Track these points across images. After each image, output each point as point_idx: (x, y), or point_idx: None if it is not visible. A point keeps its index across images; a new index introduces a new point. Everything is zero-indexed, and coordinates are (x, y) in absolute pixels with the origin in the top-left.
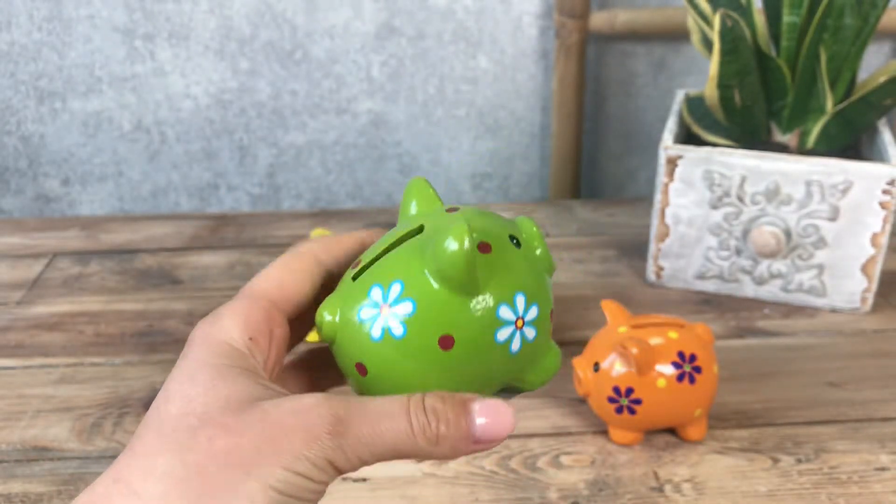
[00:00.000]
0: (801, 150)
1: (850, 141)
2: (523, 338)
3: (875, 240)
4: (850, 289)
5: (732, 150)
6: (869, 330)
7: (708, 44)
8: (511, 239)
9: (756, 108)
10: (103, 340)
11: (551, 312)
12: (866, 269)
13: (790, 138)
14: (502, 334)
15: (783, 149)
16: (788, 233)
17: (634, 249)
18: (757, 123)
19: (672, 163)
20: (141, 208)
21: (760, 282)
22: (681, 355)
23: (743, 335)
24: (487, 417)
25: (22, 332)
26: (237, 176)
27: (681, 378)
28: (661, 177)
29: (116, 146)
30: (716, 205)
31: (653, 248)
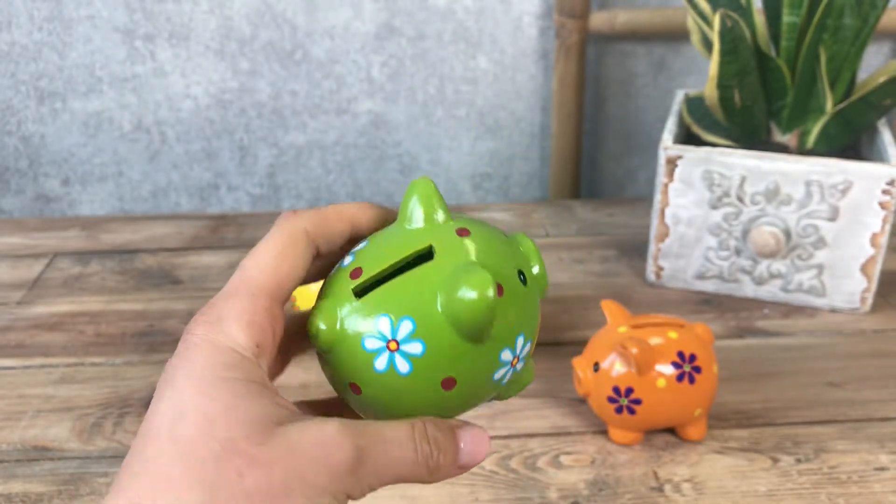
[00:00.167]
0: (801, 151)
1: (849, 141)
2: (514, 371)
3: (875, 240)
4: (849, 289)
5: (732, 151)
6: (869, 330)
7: (708, 44)
8: (519, 275)
9: (756, 108)
10: (104, 340)
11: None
12: (866, 269)
13: (790, 138)
14: (499, 374)
15: (783, 149)
16: (788, 233)
17: (634, 249)
18: (757, 123)
19: (672, 163)
20: (141, 208)
21: (760, 282)
22: (680, 355)
23: (743, 335)
24: (472, 444)
25: (22, 332)
26: (237, 176)
27: (680, 378)
28: (661, 177)
29: (117, 146)
30: (715, 205)
31: (652, 248)
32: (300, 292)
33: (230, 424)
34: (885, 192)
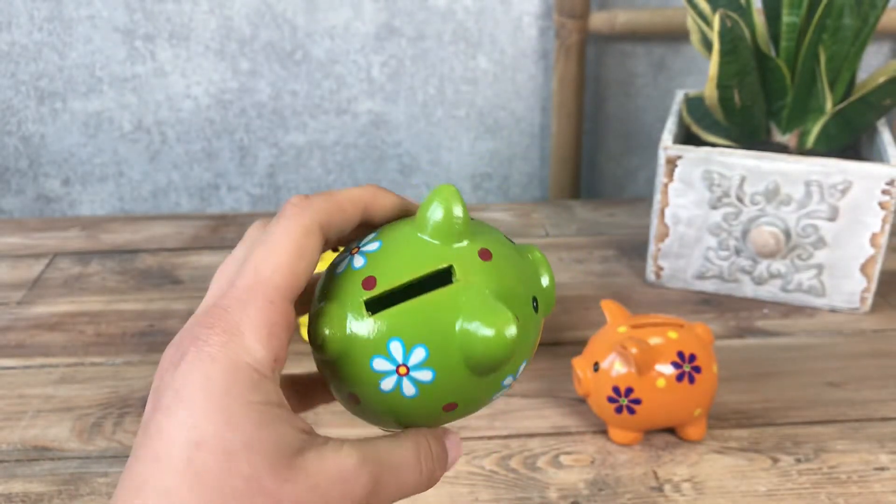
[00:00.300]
0: (801, 151)
1: (849, 141)
2: (508, 388)
3: (874, 240)
4: (849, 289)
5: (732, 151)
6: (868, 330)
7: (707, 44)
8: (533, 301)
9: (755, 108)
10: (104, 340)
11: None
12: (865, 269)
13: (790, 138)
14: (497, 395)
15: (783, 149)
16: (788, 233)
17: (634, 249)
18: (756, 123)
19: (671, 163)
20: (141, 208)
21: (760, 282)
22: (680, 355)
23: (742, 335)
24: (455, 450)
25: (22, 332)
26: (237, 176)
27: (680, 378)
28: (661, 177)
29: (117, 146)
30: (715, 205)
31: (652, 248)
32: None
33: (252, 459)
34: (884, 192)
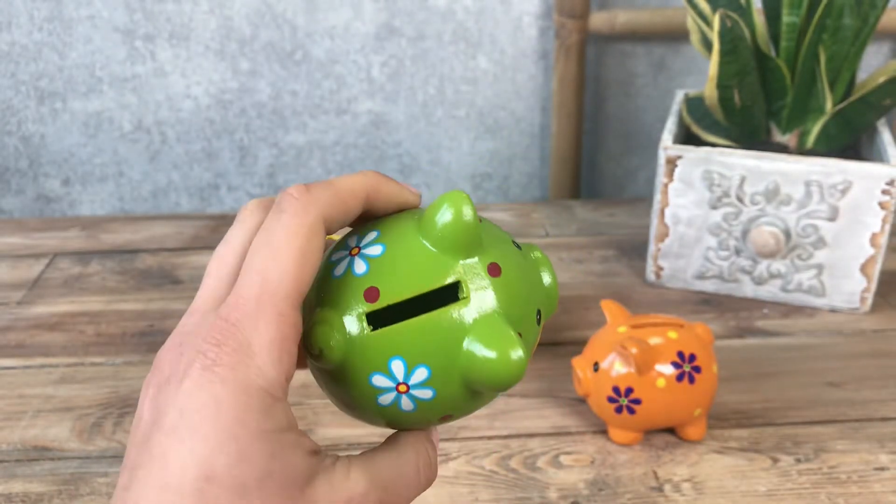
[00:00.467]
0: (801, 151)
1: (849, 141)
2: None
3: (874, 240)
4: (849, 289)
5: (732, 151)
6: (868, 330)
7: (707, 44)
8: (537, 314)
9: (755, 108)
10: (104, 340)
11: None
12: (865, 269)
13: (790, 138)
14: (492, 400)
15: (783, 149)
16: (788, 233)
17: (634, 249)
18: (756, 123)
19: (671, 163)
20: (141, 208)
21: (760, 282)
22: (680, 355)
23: (742, 335)
24: (437, 450)
25: (22, 332)
26: (237, 176)
27: (680, 378)
28: (661, 177)
29: (117, 146)
30: (715, 205)
31: (652, 248)
32: None
33: (264, 494)
34: (884, 192)
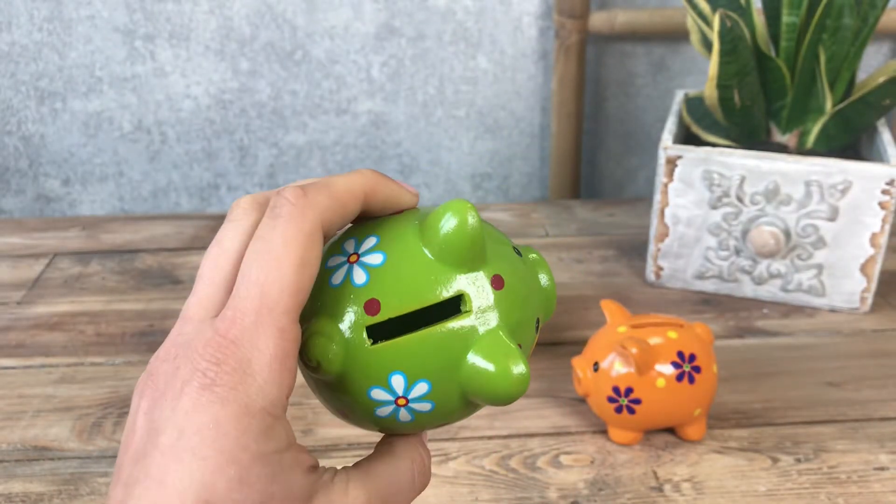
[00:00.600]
0: (801, 151)
1: (849, 141)
2: None
3: (874, 240)
4: (849, 289)
5: (732, 151)
6: (868, 330)
7: (707, 44)
8: (536, 323)
9: (755, 108)
10: (104, 340)
11: None
12: (865, 269)
13: (789, 138)
14: None
15: (782, 149)
16: (788, 233)
17: (634, 249)
18: (756, 123)
19: (671, 163)
20: (141, 208)
21: (760, 282)
22: (680, 355)
23: (742, 335)
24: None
25: (22, 332)
26: (237, 176)
27: (680, 378)
28: (661, 177)
29: (117, 146)
30: (715, 205)
31: (652, 248)
32: None
33: None
34: (884, 192)
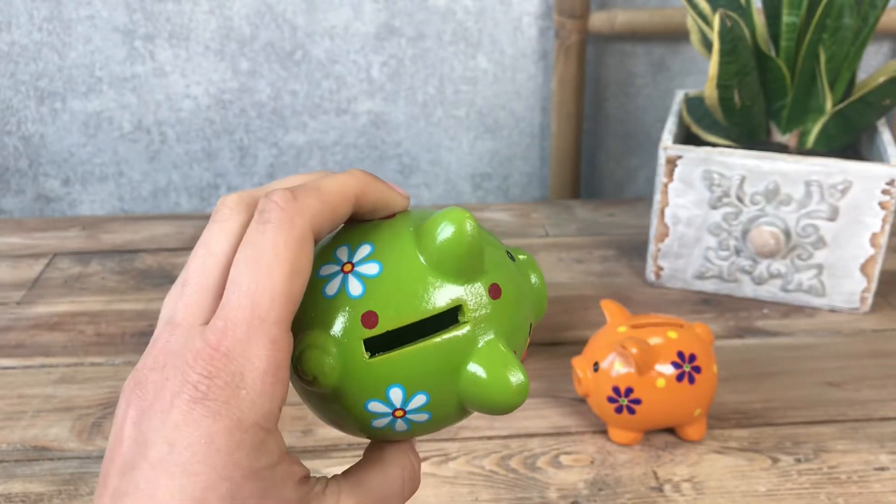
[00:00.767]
0: (801, 151)
1: (849, 141)
2: None
3: (874, 240)
4: (849, 289)
5: (732, 151)
6: (868, 330)
7: (707, 44)
8: (529, 326)
9: (755, 108)
10: (104, 340)
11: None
12: (865, 269)
13: (789, 138)
14: None
15: (783, 149)
16: (788, 233)
17: (634, 249)
18: (756, 123)
19: (671, 163)
20: (141, 208)
21: (760, 282)
22: (680, 355)
23: (742, 335)
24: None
25: (22, 332)
26: (237, 176)
27: (680, 378)
28: (661, 177)
29: (117, 146)
30: (715, 205)
31: (652, 248)
32: None
33: None
34: (884, 192)
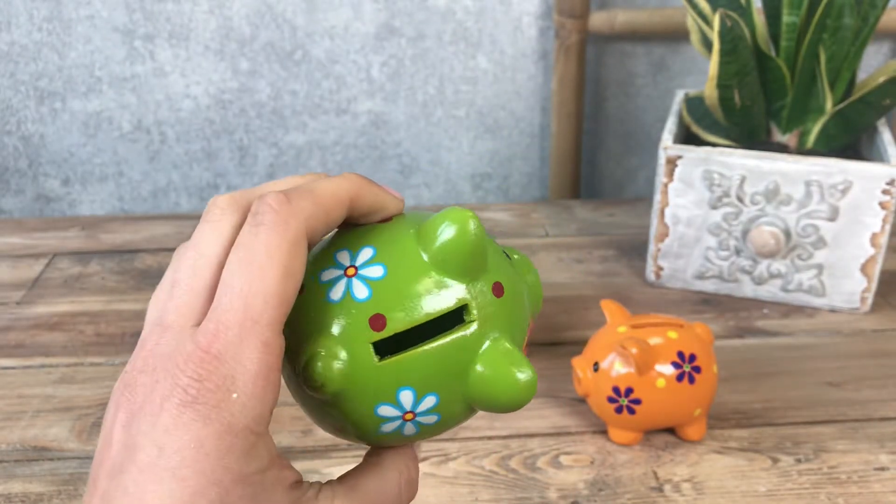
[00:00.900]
0: (801, 150)
1: (849, 141)
2: None
3: (874, 240)
4: (849, 289)
5: (732, 150)
6: (868, 330)
7: (707, 44)
8: (528, 324)
9: (755, 108)
10: (103, 340)
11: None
12: (865, 269)
13: (790, 138)
14: None
15: (783, 149)
16: (788, 233)
17: (634, 249)
18: (756, 123)
19: (671, 163)
20: (141, 208)
21: (760, 282)
22: (680, 355)
23: (742, 335)
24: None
25: (22, 332)
26: (237, 176)
27: (680, 378)
28: (661, 177)
29: (116, 146)
30: (715, 205)
31: (652, 248)
32: None
33: None
34: (884, 192)
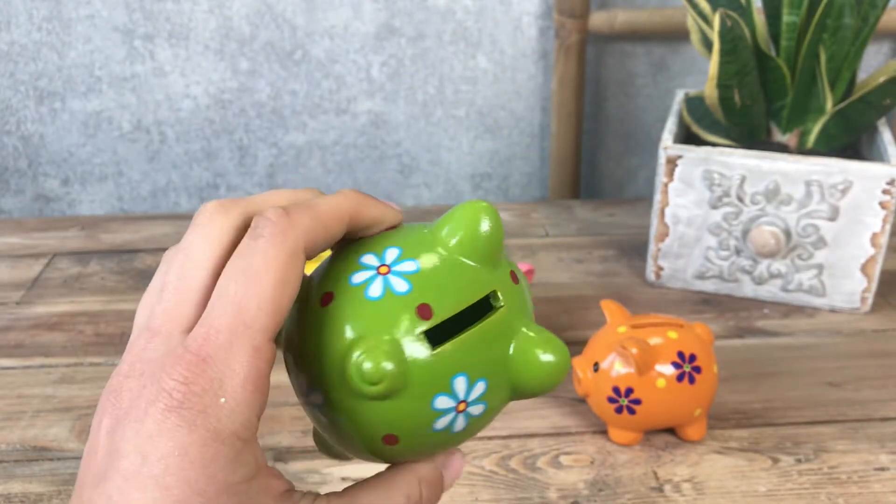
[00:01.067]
0: (801, 150)
1: (849, 141)
2: None
3: (875, 240)
4: (849, 289)
5: (732, 150)
6: (868, 330)
7: (707, 44)
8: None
9: (755, 107)
10: (103, 340)
11: None
12: (866, 269)
13: (790, 138)
14: None
15: (783, 149)
16: (788, 233)
17: (634, 249)
18: (756, 123)
19: (671, 163)
20: (141, 208)
21: (760, 282)
22: (680, 355)
23: (742, 335)
24: (454, 472)
25: (22, 332)
26: (237, 176)
27: (680, 378)
28: (661, 177)
29: (116, 146)
30: (715, 205)
31: (652, 247)
32: None
33: None
34: (885, 191)
